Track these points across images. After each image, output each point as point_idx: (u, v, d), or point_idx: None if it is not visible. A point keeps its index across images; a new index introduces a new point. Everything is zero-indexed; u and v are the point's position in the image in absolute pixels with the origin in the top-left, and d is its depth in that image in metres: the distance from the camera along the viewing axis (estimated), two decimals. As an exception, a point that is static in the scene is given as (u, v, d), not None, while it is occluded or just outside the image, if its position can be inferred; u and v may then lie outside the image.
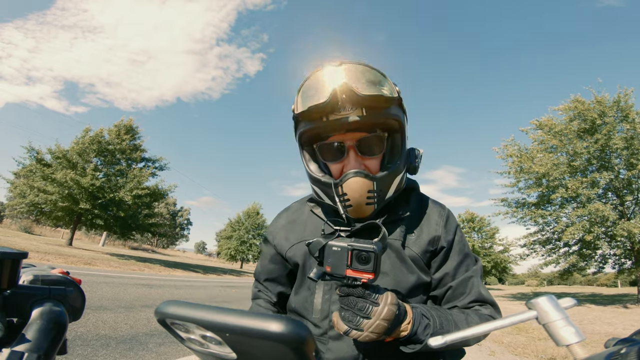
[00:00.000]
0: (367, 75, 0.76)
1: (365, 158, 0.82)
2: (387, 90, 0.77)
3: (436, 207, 0.95)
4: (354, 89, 0.73)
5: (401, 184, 0.86)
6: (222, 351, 0.37)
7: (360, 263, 0.65)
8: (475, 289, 0.89)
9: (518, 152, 14.84)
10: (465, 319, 0.82)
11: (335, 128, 0.81)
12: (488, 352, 5.36)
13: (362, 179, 0.78)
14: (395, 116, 0.80)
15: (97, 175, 18.66)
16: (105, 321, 4.76)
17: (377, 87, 0.76)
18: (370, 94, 0.74)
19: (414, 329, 0.72)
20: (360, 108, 0.76)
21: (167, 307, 0.36)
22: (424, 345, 0.72)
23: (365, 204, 0.80)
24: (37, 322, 0.34)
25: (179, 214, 58.73)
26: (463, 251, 0.92)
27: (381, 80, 0.78)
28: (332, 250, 0.67)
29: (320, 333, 0.85)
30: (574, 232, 12.73)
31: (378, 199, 0.81)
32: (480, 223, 36.83)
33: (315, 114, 0.78)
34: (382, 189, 0.81)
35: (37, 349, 0.32)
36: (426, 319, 0.75)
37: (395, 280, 0.85)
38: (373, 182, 0.79)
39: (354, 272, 0.65)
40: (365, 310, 0.66)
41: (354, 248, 0.65)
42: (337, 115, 0.77)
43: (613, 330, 7.76)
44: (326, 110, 0.77)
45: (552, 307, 0.53)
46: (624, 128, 12.42)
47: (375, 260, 0.64)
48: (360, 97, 0.74)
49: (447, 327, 0.76)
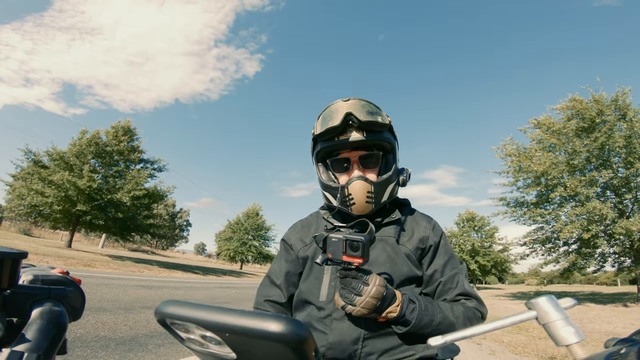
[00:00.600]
0: (366, 108, 1.02)
1: (365, 170, 1.06)
2: (381, 119, 1.03)
3: (424, 217, 1.17)
4: (357, 116, 0.99)
5: (393, 192, 1.08)
6: (221, 351, 0.37)
7: (353, 250, 0.83)
8: (460, 283, 1.05)
9: (517, 151, 14.85)
10: (451, 307, 0.98)
11: (343, 147, 1.06)
12: (488, 352, 5.37)
13: (363, 182, 1.02)
14: (387, 139, 1.06)
15: (95, 177, 18.59)
16: (105, 322, 4.75)
17: (374, 116, 1.02)
18: (368, 119, 1.00)
19: (402, 311, 0.90)
20: (361, 131, 1.02)
21: (166, 307, 0.36)
22: (411, 326, 0.90)
23: (365, 202, 1.02)
24: (37, 322, 0.34)
25: (178, 215, 58.66)
26: (449, 253, 1.10)
27: (377, 111, 1.04)
28: (332, 240, 0.87)
29: (325, 315, 0.99)
30: (572, 231, 12.74)
31: (375, 200, 1.03)
32: (480, 222, 36.83)
33: (330, 134, 1.04)
34: (378, 192, 1.04)
35: (37, 349, 0.32)
36: (413, 303, 0.92)
37: (390, 270, 1.01)
38: (371, 185, 1.02)
39: (348, 258, 0.84)
40: (357, 289, 0.85)
41: (347, 239, 0.84)
42: (346, 136, 1.03)
43: (613, 329, 7.78)
44: (337, 132, 1.03)
45: (551, 307, 0.53)
46: (622, 127, 12.44)
47: (363, 248, 0.82)
48: (361, 121, 0.99)
49: (431, 311, 0.93)
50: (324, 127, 1.03)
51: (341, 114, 0.99)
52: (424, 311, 0.92)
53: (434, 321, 0.92)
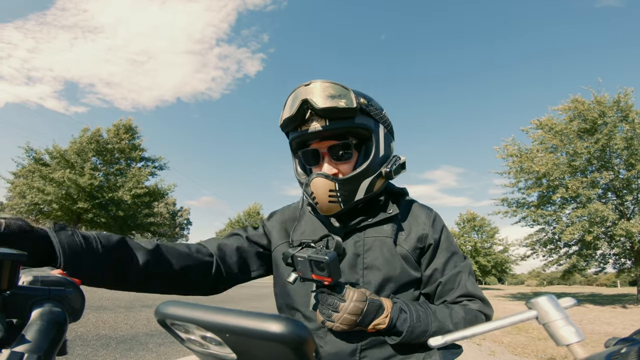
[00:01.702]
0: (328, 91, 0.86)
1: (338, 163, 0.94)
2: (345, 102, 0.86)
3: (424, 210, 1.04)
4: (313, 103, 0.85)
5: (373, 186, 0.94)
6: (222, 352, 0.36)
7: (320, 270, 0.79)
8: (462, 284, 0.96)
9: (518, 151, 14.83)
10: (450, 313, 0.90)
11: (312, 137, 0.93)
12: (488, 352, 5.37)
13: (323, 180, 0.89)
14: (361, 125, 0.91)
15: (96, 174, 18.63)
16: (105, 321, 4.76)
17: (335, 100, 0.86)
18: (326, 106, 0.85)
19: (392, 322, 0.83)
20: (323, 119, 0.88)
21: (167, 308, 0.36)
22: (402, 337, 0.83)
23: (328, 202, 0.90)
24: (37, 322, 0.34)
25: (178, 213, 58.67)
26: (450, 249, 0.99)
27: (342, 94, 0.87)
28: (298, 260, 0.82)
29: (317, 327, 0.90)
30: (574, 232, 12.73)
31: (342, 199, 0.91)
32: (481, 222, 36.84)
33: (289, 125, 0.92)
34: (347, 190, 0.90)
35: (37, 350, 0.32)
36: (404, 313, 0.85)
37: (386, 275, 0.92)
38: (335, 183, 0.89)
39: (317, 277, 0.80)
40: (333, 305, 0.80)
41: (312, 259, 0.79)
42: (306, 126, 0.90)
43: (612, 330, 7.77)
44: (296, 122, 0.90)
45: (552, 307, 0.52)
46: (624, 128, 12.42)
47: (328, 268, 0.77)
48: (317, 109, 0.85)
49: (425, 321, 0.85)
50: (282, 117, 0.92)
51: (297, 102, 0.87)
52: (415, 322, 0.84)
53: (428, 331, 0.85)
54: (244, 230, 1.10)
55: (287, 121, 0.91)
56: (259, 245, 1.07)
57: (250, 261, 1.05)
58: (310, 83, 0.89)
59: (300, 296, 0.97)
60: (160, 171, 22.09)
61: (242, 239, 1.06)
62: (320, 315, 0.83)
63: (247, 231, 1.09)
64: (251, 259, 1.05)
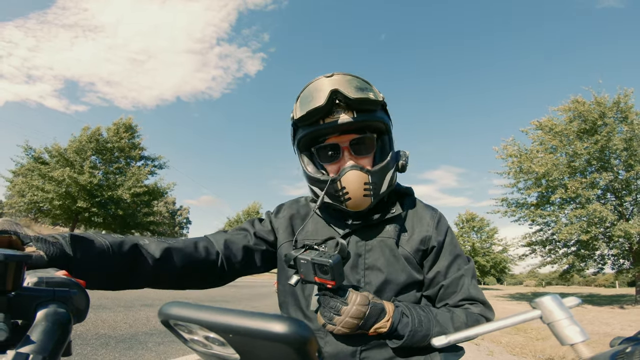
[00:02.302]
0: (354, 83, 0.86)
1: (358, 157, 0.91)
2: (373, 95, 0.87)
3: (429, 210, 1.02)
4: (345, 93, 0.83)
5: (392, 180, 0.95)
6: (225, 352, 0.36)
7: (323, 273, 0.77)
8: (465, 287, 0.94)
9: (518, 152, 14.83)
10: (451, 317, 0.89)
11: (330, 131, 0.90)
12: (486, 352, 5.38)
13: (359, 172, 0.87)
14: (381, 119, 0.91)
15: (95, 172, 18.61)
16: (105, 320, 4.76)
17: (364, 92, 0.86)
18: (359, 96, 0.84)
19: (394, 326, 0.82)
20: (351, 111, 0.86)
21: (170, 308, 0.36)
22: (403, 341, 0.82)
23: (363, 196, 0.88)
24: (42, 323, 0.34)
25: (178, 212, 58.65)
26: (454, 252, 0.98)
27: (367, 87, 0.89)
28: (301, 262, 0.81)
29: (318, 327, 0.89)
30: (571, 232, 12.74)
31: (374, 192, 0.89)
32: (480, 223, 36.85)
33: (313, 117, 0.88)
34: (377, 182, 0.90)
35: (42, 351, 0.32)
36: (406, 317, 0.84)
37: (388, 276, 0.92)
38: (368, 175, 0.88)
39: (320, 280, 0.78)
40: (336, 308, 0.79)
41: (315, 262, 0.77)
42: (333, 118, 0.87)
43: (611, 331, 7.78)
44: (323, 113, 0.87)
45: (556, 307, 0.52)
46: (623, 129, 12.42)
47: (332, 272, 0.76)
48: (351, 99, 0.84)
49: (427, 325, 0.85)
50: (305, 109, 0.86)
51: (325, 92, 0.83)
52: (417, 326, 0.84)
53: (430, 335, 0.84)
54: (252, 226, 1.08)
55: (313, 112, 0.86)
56: (265, 242, 1.06)
57: (255, 259, 1.04)
58: (332, 75, 0.87)
59: (303, 296, 0.96)
60: (160, 170, 22.08)
61: (250, 236, 1.04)
62: (321, 318, 0.83)
63: (255, 226, 1.08)
64: (256, 256, 1.04)
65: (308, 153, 0.99)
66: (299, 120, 0.90)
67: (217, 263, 0.94)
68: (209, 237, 1.00)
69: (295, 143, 0.98)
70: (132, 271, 0.77)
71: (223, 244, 0.97)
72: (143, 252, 0.79)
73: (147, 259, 0.79)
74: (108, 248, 0.71)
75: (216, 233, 1.03)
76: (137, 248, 0.78)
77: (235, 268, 0.99)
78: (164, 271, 0.83)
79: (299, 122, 0.91)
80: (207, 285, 0.97)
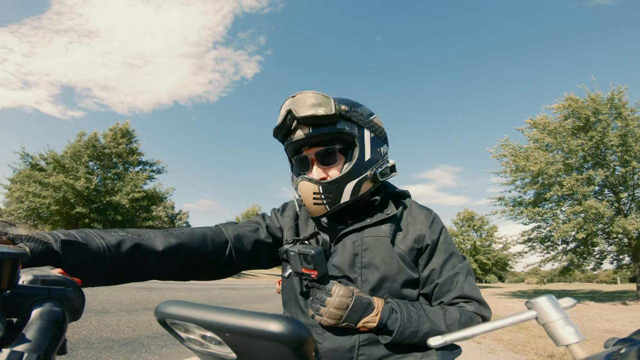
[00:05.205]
0: (309, 100, 0.91)
1: (326, 168, 0.97)
2: (324, 110, 0.90)
3: (423, 210, 1.05)
4: (294, 113, 0.91)
5: (359, 189, 0.96)
6: (221, 351, 0.36)
7: (307, 263, 0.85)
8: (459, 285, 0.96)
9: (513, 151, 14.86)
10: (444, 314, 0.91)
11: (302, 144, 0.97)
12: (488, 350, 5.37)
13: (307, 183, 0.94)
14: (342, 130, 0.93)
15: (92, 178, 18.54)
16: (108, 324, 4.75)
17: (315, 108, 0.90)
18: (306, 114, 0.90)
19: (382, 322, 0.85)
20: (307, 126, 0.93)
21: (167, 307, 0.36)
22: (393, 337, 0.86)
23: (313, 204, 0.94)
24: (37, 322, 0.34)
25: (177, 217, 58.52)
26: (449, 250, 1.00)
27: (322, 102, 0.91)
28: (290, 254, 0.89)
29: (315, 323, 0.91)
30: (568, 230, 12.76)
31: (327, 201, 0.93)
32: (480, 222, 36.87)
33: (278, 134, 0.99)
34: (331, 192, 0.93)
35: (37, 349, 0.32)
36: (395, 313, 0.87)
37: (384, 273, 0.94)
38: (318, 186, 0.93)
39: (305, 270, 0.86)
40: (321, 299, 0.85)
41: (300, 252, 0.86)
42: (294, 135, 0.95)
43: (612, 327, 7.79)
44: (284, 130, 0.96)
45: (551, 307, 0.52)
46: (617, 125, 12.45)
47: (313, 261, 0.84)
48: (298, 117, 0.90)
49: (417, 322, 0.87)
50: (274, 127, 0.98)
51: (284, 112, 0.93)
52: (406, 322, 0.86)
53: (419, 332, 0.86)
54: (263, 219, 1.10)
55: (276, 130, 0.97)
56: (274, 237, 1.07)
57: (262, 254, 1.05)
58: (296, 94, 0.93)
59: (302, 293, 0.99)
60: (159, 175, 22.04)
61: (262, 229, 1.06)
62: (310, 309, 0.89)
63: (266, 220, 1.10)
64: (264, 251, 1.05)
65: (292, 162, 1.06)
66: (273, 136, 1.01)
67: (225, 254, 0.94)
68: (220, 226, 1.00)
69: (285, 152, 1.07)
70: (134, 269, 0.76)
71: (234, 235, 0.98)
72: (146, 249, 0.77)
73: (151, 255, 0.78)
74: (105, 250, 0.70)
75: (227, 223, 1.03)
76: (138, 247, 0.76)
77: (243, 260, 1.00)
78: (169, 265, 0.82)
79: (275, 137, 1.02)
80: (211, 277, 0.97)
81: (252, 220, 1.09)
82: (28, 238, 0.58)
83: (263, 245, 1.03)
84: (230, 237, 0.96)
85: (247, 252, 0.99)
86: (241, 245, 0.98)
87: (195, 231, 0.91)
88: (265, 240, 1.04)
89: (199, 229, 0.94)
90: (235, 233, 0.98)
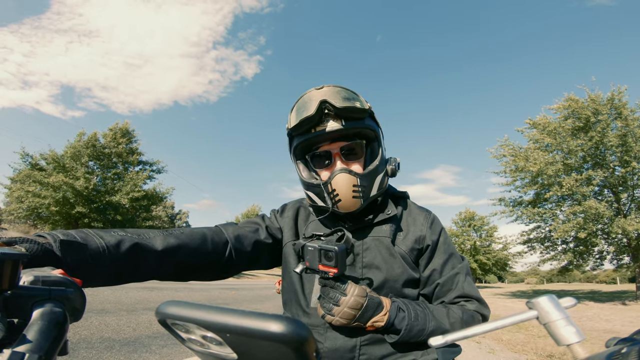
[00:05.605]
0: (342, 94, 0.93)
1: (349, 163, 0.97)
2: (359, 104, 0.93)
3: (422, 212, 1.07)
4: (333, 103, 0.90)
5: (383, 184, 0.99)
6: (222, 351, 0.36)
7: (327, 260, 0.82)
8: (460, 285, 0.98)
9: (513, 151, 14.86)
10: (447, 313, 0.92)
11: (321, 139, 0.96)
12: (487, 350, 5.37)
13: (347, 175, 0.93)
14: (370, 126, 0.97)
15: (91, 178, 18.52)
16: (109, 324, 4.76)
17: (351, 101, 0.92)
18: (346, 105, 0.90)
19: (390, 321, 0.86)
20: (339, 119, 0.93)
21: (167, 308, 0.36)
22: (400, 335, 0.86)
23: (352, 197, 0.93)
24: (38, 322, 0.34)
25: (177, 217, 58.51)
26: (448, 251, 1.01)
27: (354, 97, 0.95)
28: (308, 249, 0.86)
29: (317, 323, 0.92)
30: (567, 230, 12.75)
31: (363, 194, 0.94)
32: (480, 222, 36.84)
33: (305, 126, 0.94)
34: (366, 185, 0.94)
35: (38, 350, 0.32)
36: (402, 311, 0.88)
37: (386, 274, 0.95)
38: (357, 178, 0.93)
39: (324, 267, 0.83)
40: (335, 299, 0.83)
41: (322, 248, 0.83)
42: (323, 126, 0.93)
43: (612, 327, 7.79)
44: (314, 122, 0.93)
45: (552, 307, 0.52)
46: (617, 125, 12.44)
47: (336, 258, 0.81)
48: (338, 108, 0.90)
49: (422, 320, 0.88)
50: (297, 118, 0.93)
51: (315, 103, 0.90)
52: (413, 321, 0.86)
53: (426, 330, 0.87)
54: (263, 220, 1.10)
55: (304, 121, 0.92)
56: (274, 238, 1.07)
57: (262, 254, 1.05)
58: (322, 87, 0.94)
59: (303, 294, 0.99)
60: (159, 174, 22.04)
61: (262, 230, 1.05)
62: (321, 309, 0.86)
63: (266, 221, 1.09)
64: (264, 252, 1.05)
65: (303, 160, 1.04)
66: (293, 129, 0.96)
67: (225, 255, 0.94)
68: (220, 227, 0.99)
69: (291, 152, 1.04)
70: (134, 269, 0.76)
71: (234, 236, 0.97)
72: (145, 249, 0.77)
73: (150, 255, 0.78)
74: (104, 250, 0.69)
75: (227, 224, 1.02)
76: (138, 246, 0.76)
77: (243, 261, 0.99)
78: (169, 265, 0.82)
79: (293, 131, 0.98)
80: (211, 277, 0.96)
81: (251, 221, 1.09)
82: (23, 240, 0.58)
83: (263, 245, 1.03)
84: (230, 237, 0.96)
85: (247, 252, 0.99)
86: (241, 246, 0.97)
87: (195, 231, 0.91)
88: (265, 241, 1.03)
89: (199, 229, 0.93)
90: (236, 234, 0.98)
